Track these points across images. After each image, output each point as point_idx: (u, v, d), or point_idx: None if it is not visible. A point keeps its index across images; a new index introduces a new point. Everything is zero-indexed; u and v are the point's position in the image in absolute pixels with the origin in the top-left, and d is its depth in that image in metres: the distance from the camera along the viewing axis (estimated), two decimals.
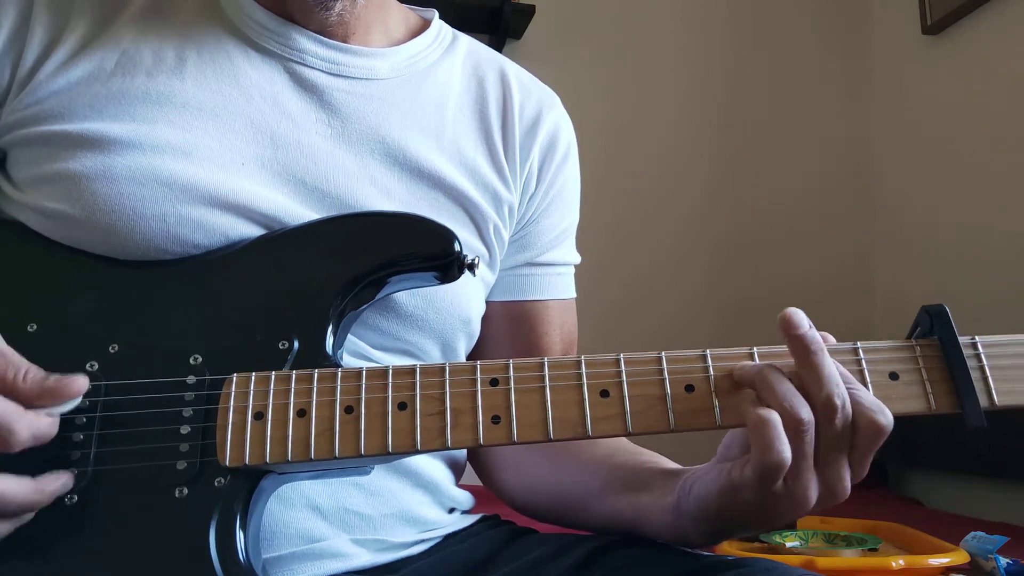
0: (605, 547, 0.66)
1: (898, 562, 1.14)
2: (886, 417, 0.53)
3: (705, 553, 0.64)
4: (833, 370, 0.53)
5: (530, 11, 2.32)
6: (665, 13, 2.57)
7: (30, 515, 0.52)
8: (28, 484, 0.51)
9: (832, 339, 0.58)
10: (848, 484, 0.55)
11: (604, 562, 0.64)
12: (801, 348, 0.54)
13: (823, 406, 0.52)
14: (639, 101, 2.52)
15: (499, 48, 2.32)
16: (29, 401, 0.51)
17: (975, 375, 0.56)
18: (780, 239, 2.54)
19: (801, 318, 0.55)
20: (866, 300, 2.55)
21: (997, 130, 2.13)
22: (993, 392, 0.56)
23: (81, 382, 0.52)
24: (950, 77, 2.32)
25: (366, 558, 0.65)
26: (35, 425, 0.50)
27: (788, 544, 1.31)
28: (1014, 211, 2.06)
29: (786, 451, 0.52)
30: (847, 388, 0.54)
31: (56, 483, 0.52)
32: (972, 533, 1.29)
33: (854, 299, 2.52)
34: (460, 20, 1.15)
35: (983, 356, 0.57)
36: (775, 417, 0.52)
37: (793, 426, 0.52)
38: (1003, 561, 1.20)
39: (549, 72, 1.04)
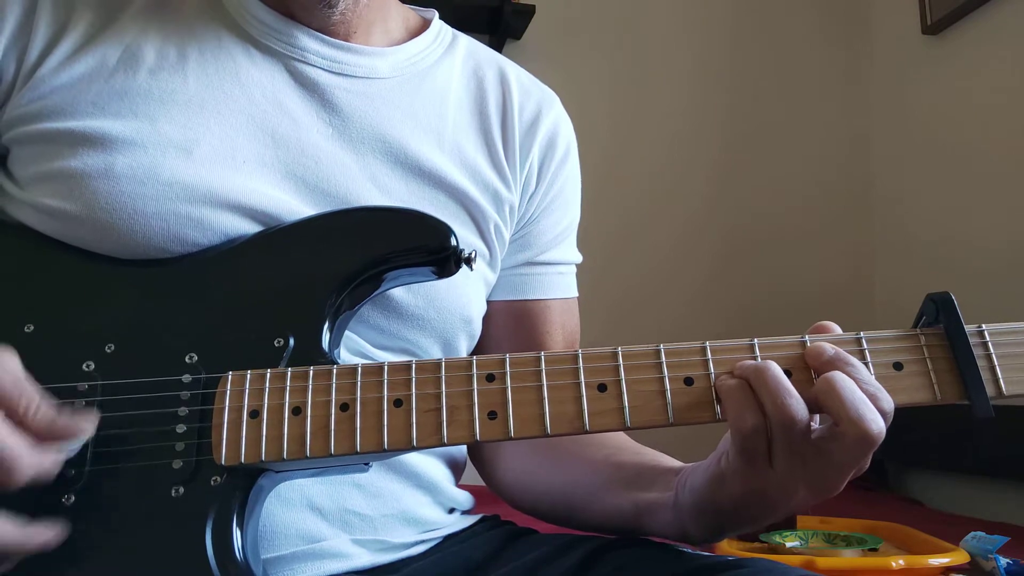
0: (605, 547, 0.66)
1: (898, 562, 1.13)
2: (888, 403, 0.53)
3: (705, 553, 0.64)
4: (858, 391, 0.52)
5: (530, 11, 2.32)
6: (665, 14, 2.57)
7: (11, 563, 0.50)
8: (16, 531, 0.49)
9: (837, 328, 0.57)
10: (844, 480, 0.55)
11: (604, 562, 0.64)
12: (821, 383, 0.53)
13: (855, 431, 0.51)
14: (639, 102, 2.52)
15: (499, 48, 2.32)
16: (36, 437, 0.50)
17: (982, 364, 0.55)
18: (780, 240, 2.54)
19: (823, 347, 0.55)
20: (866, 301, 2.54)
21: (997, 130, 2.13)
22: (1001, 381, 0.54)
23: (88, 422, 0.52)
24: (950, 77, 2.32)
25: (366, 558, 0.65)
26: (40, 466, 0.49)
27: (788, 544, 1.31)
28: (1014, 212, 2.05)
29: (750, 416, 0.52)
30: (848, 368, 0.53)
31: (45, 535, 0.51)
32: (972, 533, 1.29)
33: (854, 300, 2.52)
34: (460, 20, 1.15)
35: (990, 344, 0.55)
36: (741, 384, 0.53)
37: (785, 423, 0.52)
38: (1003, 561, 1.20)
39: (549, 72, 1.04)
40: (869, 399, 0.52)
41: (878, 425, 0.51)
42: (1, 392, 0.49)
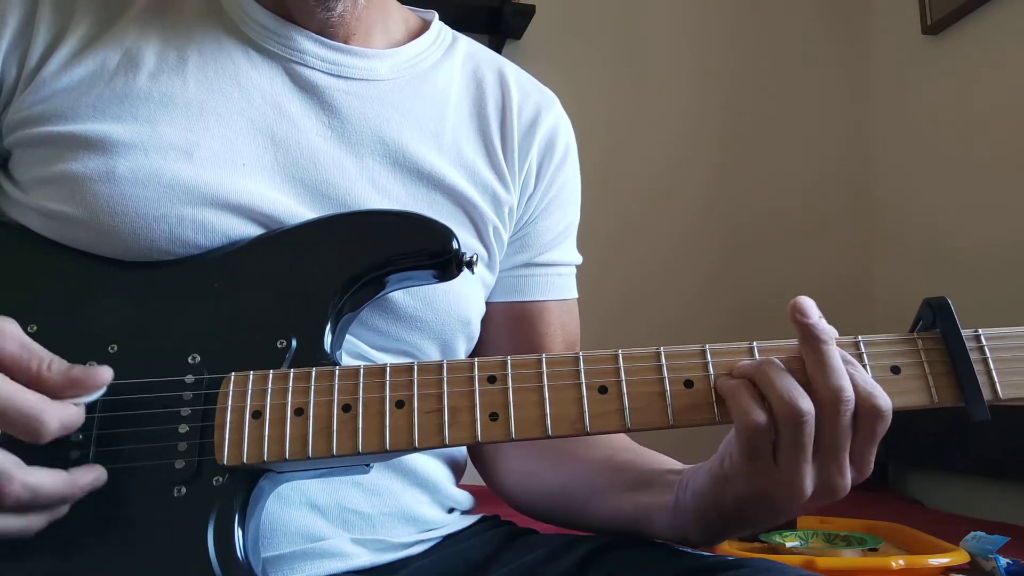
0: (604, 547, 0.66)
1: (898, 562, 1.14)
2: (884, 400, 0.53)
3: (705, 553, 0.64)
4: (840, 362, 0.53)
5: (530, 11, 2.32)
6: (665, 14, 2.57)
7: (64, 509, 0.52)
8: (62, 477, 0.51)
9: (834, 333, 0.58)
10: (848, 480, 0.55)
11: (604, 562, 0.64)
12: (810, 337, 0.54)
13: (831, 399, 0.52)
14: (639, 102, 2.52)
15: (499, 48, 2.32)
16: (55, 392, 0.50)
17: (978, 368, 0.55)
18: (780, 240, 2.54)
19: (811, 307, 0.55)
20: (866, 301, 2.54)
21: (997, 130, 2.13)
22: (997, 385, 0.55)
23: (105, 372, 0.52)
24: (950, 77, 2.32)
25: (366, 558, 0.66)
26: (64, 415, 0.50)
27: (788, 544, 1.31)
28: (1014, 211, 2.05)
29: (759, 413, 0.53)
30: (846, 367, 0.54)
31: (89, 475, 0.52)
32: (972, 533, 1.29)
33: (854, 300, 2.52)
34: (460, 20, 1.15)
35: (987, 348, 0.56)
36: (743, 383, 0.54)
37: (793, 418, 0.52)
38: (1003, 561, 1.20)
39: (549, 72, 1.04)
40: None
41: (849, 391, 0.52)
42: (9, 357, 0.50)
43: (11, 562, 0.52)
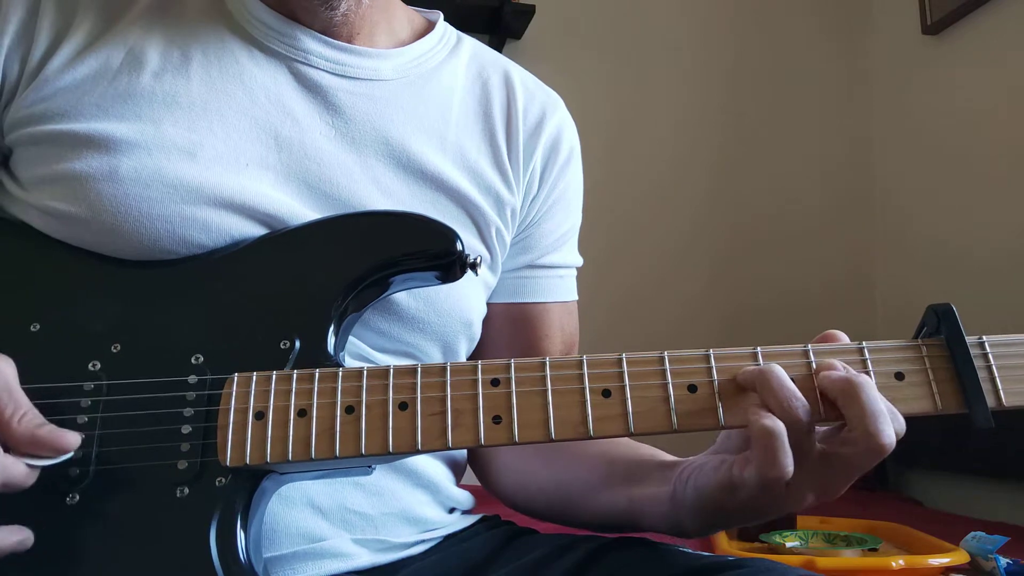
0: (605, 547, 0.66)
1: (898, 562, 1.14)
2: (899, 423, 0.53)
3: (705, 553, 0.65)
4: (880, 405, 0.52)
5: (530, 11, 2.32)
6: (665, 14, 2.57)
7: None
8: None
9: (844, 337, 0.58)
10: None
11: (604, 562, 0.64)
12: (846, 387, 0.53)
13: (866, 440, 0.52)
14: (639, 102, 2.52)
15: (499, 48, 2.32)
16: (16, 445, 0.50)
17: (982, 375, 0.55)
18: (781, 241, 2.54)
19: (834, 363, 0.55)
20: (867, 302, 2.55)
21: (997, 131, 2.13)
22: (1001, 392, 0.55)
23: (72, 439, 0.52)
24: (950, 77, 2.32)
25: (367, 558, 0.66)
26: (9, 471, 0.49)
27: (788, 544, 1.31)
28: (1014, 212, 2.06)
29: (789, 464, 0.52)
30: (852, 381, 0.53)
31: (11, 539, 0.50)
32: (972, 533, 1.30)
33: (855, 302, 2.52)
34: (460, 20, 1.14)
35: (991, 356, 0.56)
36: (780, 428, 0.52)
37: (794, 427, 0.52)
38: (1003, 561, 1.21)
39: (549, 72, 1.04)
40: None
41: (890, 437, 0.52)
42: None
43: (12, 563, 0.52)
